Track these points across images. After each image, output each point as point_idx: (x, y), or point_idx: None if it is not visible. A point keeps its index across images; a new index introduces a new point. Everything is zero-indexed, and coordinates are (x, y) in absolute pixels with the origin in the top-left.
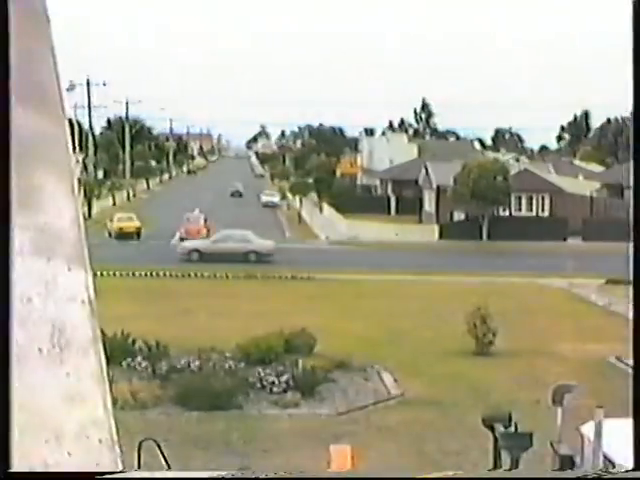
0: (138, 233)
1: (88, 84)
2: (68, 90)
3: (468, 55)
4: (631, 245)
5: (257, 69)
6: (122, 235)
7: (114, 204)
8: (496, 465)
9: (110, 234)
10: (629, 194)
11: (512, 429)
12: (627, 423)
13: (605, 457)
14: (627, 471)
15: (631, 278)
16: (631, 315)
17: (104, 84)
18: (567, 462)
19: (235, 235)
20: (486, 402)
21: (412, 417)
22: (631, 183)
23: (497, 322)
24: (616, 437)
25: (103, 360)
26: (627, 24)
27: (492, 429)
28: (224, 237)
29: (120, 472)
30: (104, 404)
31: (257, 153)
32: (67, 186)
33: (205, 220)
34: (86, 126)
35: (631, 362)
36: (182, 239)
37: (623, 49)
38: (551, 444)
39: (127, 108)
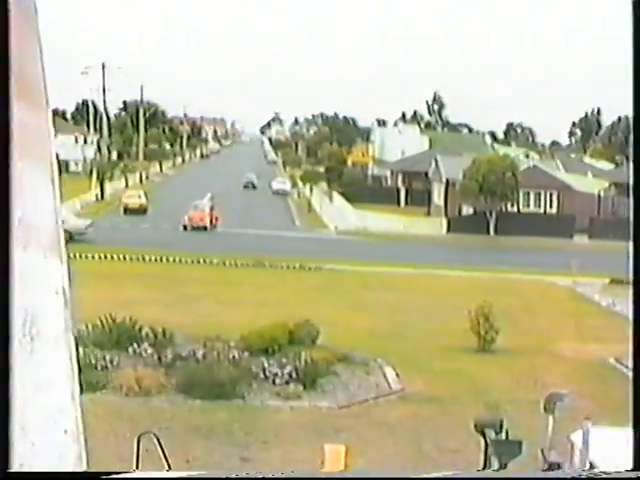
0: (143, 210)
1: (103, 68)
2: (82, 74)
3: (482, 50)
4: (631, 245)
5: (272, 58)
6: (129, 210)
7: (126, 186)
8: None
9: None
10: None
11: (503, 435)
12: (616, 432)
13: (592, 466)
14: (627, 471)
15: (631, 278)
16: (631, 316)
17: (119, 68)
18: (556, 469)
19: None
20: (485, 400)
21: (412, 413)
22: (631, 183)
23: (500, 319)
24: (605, 445)
25: (73, 350)
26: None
27: (483, 434)
28: None
29: (125, 472)
30: (72, 394)
31: (270, 139)
32: (46, 177)
33: (212, 208)
34: (101, 109)
35: (630, 364)
36: (185, 226)
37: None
38: (541, 451)
39: (142, 91)
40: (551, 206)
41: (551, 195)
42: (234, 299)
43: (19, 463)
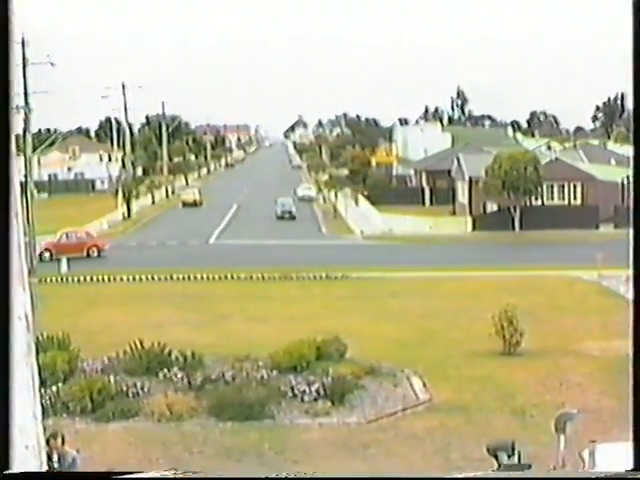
0: (196, 203)
1: (123, 87)
2: (103, 98)
3: (502, 39)
4: (631, 236)
5: (290, 61)
6: (185, 204)
7: (153, 202)
8: None
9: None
10: None
11: (515, 459)
12: (623, 447)
13: None
14: (627, 471)
15: (631, 272)
16: (631, 310)
17: (139, 87)
18: None
19: None
20: (511, 406)
21: (439, 423)
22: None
23: (525, 320)
24: (614, 461)
25: (35, 371)
26: None
27: (496, 457)
28: None
29: (134, 472)
30: (33, 413)
31: (294, 143)
32: (10, 212)
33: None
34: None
35: None
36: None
37: None
38: (554, 468)
39: (163, 105)
40: (575, 197)
41: (575, 187)
42: (262, 315)
43: None
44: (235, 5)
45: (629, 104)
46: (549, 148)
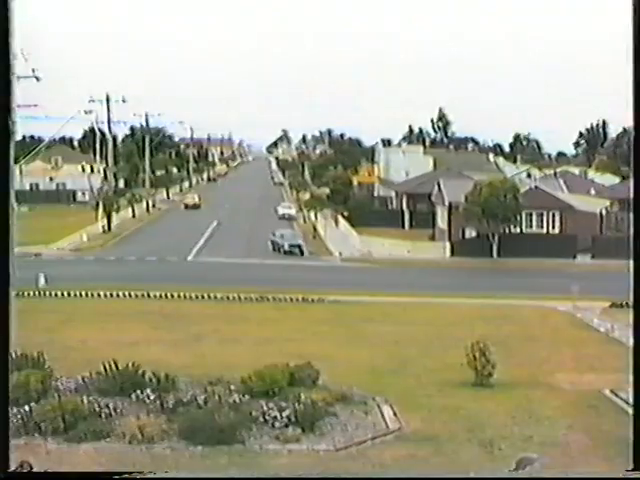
0: (197, 206)
1: (107, 100)
2: (86, 113)
3: (488, 62)
4: (632, 265)
5: (277, 75)
6: (187, 206)
7: (133, 216)
8: None
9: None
10: None
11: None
12: None
13: None
14: (627, 471)
15: (632, 299)
16: (631, 333)
17: (123, 100)
18: None
19: None
20: (480, 437)
21: (408, 453)
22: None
23: (498, 350)
24: None
25: None
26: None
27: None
28: None
29: (135, 472)
30: None
31: (277, 159)
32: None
33: None
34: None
35: (624, 395)
36: None
37: None
38: None
39: (147, 117)
40: (554, 226)
41: (553, 215)
42: (237, 336)
43: None
44: (221, 18)
45: (611, 132)
46: (529, 176)
